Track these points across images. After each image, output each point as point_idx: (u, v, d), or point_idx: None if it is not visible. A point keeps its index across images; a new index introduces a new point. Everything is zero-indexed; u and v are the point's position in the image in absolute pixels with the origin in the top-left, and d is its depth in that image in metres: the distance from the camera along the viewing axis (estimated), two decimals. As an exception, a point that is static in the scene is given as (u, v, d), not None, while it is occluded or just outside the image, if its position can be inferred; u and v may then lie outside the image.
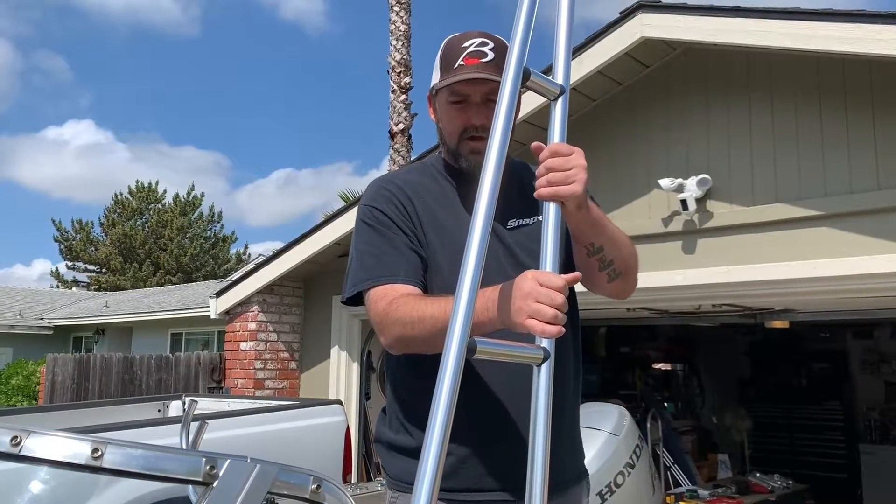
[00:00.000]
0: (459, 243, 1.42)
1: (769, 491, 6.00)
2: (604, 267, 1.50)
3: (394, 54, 12.29)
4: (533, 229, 1.60)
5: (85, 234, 32.33)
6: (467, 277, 1.17)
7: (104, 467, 0.77)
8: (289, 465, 0.89)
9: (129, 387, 8.15)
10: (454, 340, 1.11)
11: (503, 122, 1.27)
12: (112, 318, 16.92)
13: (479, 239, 1.20)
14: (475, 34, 1.59)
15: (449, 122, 1.62)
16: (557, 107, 1.41)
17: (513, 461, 1.47)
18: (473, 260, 1.17)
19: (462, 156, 1.60)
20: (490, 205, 1.23)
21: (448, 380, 1.08)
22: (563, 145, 1.30)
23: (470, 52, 1.55)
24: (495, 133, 1.27)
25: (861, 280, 3.84)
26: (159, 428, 3.62)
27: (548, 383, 1.22)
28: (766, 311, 6.08)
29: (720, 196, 4.38)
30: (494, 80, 1.47)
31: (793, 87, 4.24)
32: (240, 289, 6.48)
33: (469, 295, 1.15)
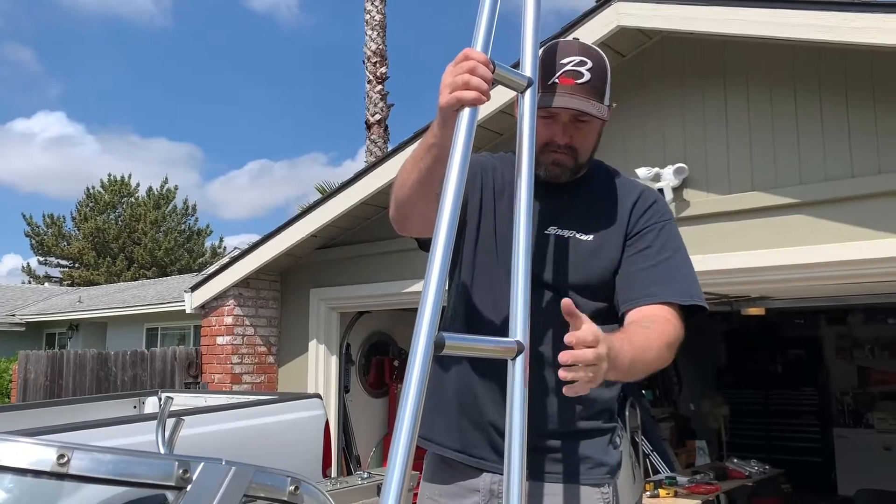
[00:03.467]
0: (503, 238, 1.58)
1: (746, 476, 6.06)
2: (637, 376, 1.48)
3: (369, 44, 12.22)
4: (567, 243, 1.60)
5: (57, 229, 31.84)
6: (433, 277, 1.15)
7: (71, 474, 0.74)
8: (265, 467, 0.86)
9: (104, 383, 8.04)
10: (421, 337, 1.09)
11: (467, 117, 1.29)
12: (86, 313, 16.69)
13: (444, 236, 1.19)
14: (576, 49, 1.57)
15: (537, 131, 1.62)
16: (526, 98, 1.43)
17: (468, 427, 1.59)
18: (439, 260, 1.16)
19: (541, 164, 1.58)
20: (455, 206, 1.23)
21: (416, 377, 1.07)
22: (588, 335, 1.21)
23: (567, 72, 1.53)
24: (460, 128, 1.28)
25: (836, 267, 3.88)
26: (135, 426, 3.56)
27: (523, 377, 1.22)
28: (743, 299, 6.13)
29: (697, 185, 4.39)
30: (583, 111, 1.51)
31: (768, 76, 4.25)
32: (215, 283, 6.41)
33: (435, 294, 1.14)
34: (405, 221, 1.62)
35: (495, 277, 1.58)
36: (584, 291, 1.58)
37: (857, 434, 8.58)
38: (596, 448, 1.60)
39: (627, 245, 1.61)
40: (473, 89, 1.29)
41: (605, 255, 1.60)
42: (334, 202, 5.72)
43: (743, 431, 9.11)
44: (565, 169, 1.60)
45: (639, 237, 1.61)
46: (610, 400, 1.64)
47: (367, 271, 5.98)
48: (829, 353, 9.44)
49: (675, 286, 1.55)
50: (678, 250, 1.62)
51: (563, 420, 1.57)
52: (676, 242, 1.63)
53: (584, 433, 1.59)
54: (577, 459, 1.57)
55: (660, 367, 1.47)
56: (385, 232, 5.73)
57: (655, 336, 1.43)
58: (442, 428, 1.63)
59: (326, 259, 6.29)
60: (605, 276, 1.59)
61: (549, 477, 1.55)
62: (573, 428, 1.58)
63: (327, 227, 5.84)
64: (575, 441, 1.58)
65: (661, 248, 1.59)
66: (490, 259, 1.63)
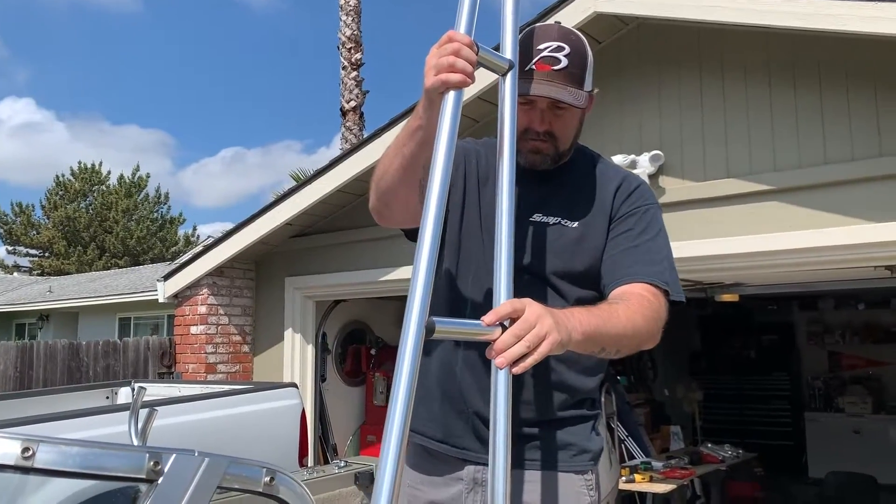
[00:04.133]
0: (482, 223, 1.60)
1: (720, 461, 6.13)
2: (605, 354, 1.46)
3: (344, 30, 12.10)
4: (552, 230, 1.59)
5: (26, 218, 31.30)
6: (422, 261, 1.14)
7: (36, 468, 0.71)
8: (240, 458, 0.83)
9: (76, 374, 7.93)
10: (412, 322, 1.09)
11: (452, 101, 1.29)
12: (56, 303, 16.45)
13: (433, 219, 1.18)
14: (554, 34, 1.54)
15: (519, 117, 1.60)
16: (507, 82, 1.43)
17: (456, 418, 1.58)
18: (428, 244, 1.15)
19: (521, 152, 1.54)
20: (443, 189, 1.22)
21: (407, 361, 1.07)
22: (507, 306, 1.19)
23: (543, 58, 1.50)
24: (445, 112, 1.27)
25: (810, 253, 3.91)
26: (107, 416, 3.51)
27: None
28: (717, 285, 6.19)
29: (672, 172, 4.40)
30: (557, 99, 1.49)
31: (743, 63, 4.27)
32: (188, 271, 6.33)
33: (425, 277, 1.14)
34: (386, 210, 1.59)
35: (481, 263, 1.57)
36: (568, 278, 1.57)
37: (827, 418, 8.74)
38: (579, 435, 1.59)
39: (611, 229, 1.60)
40: (459, 71, 1.27)
41: (591, 242, 1.59)
42: (309, 190, 5.66)
43: (716, 416, 9.23)
44: (545, 156, 1.59)
45: (621, 220, 1.60)
46: (593, 389, 1.63)
47: (342, 259, 5.94)
48: (800, 338, 9.59)
49: (654, 267, 1.54)
50: (659, 234, 1.61)
51: (546, 408, 1.56)
52: (658, 227, 1.62)
53: (568, 421, 1.58)
54: (560, 447, 1.56)
55: (641, 343, 1.44)
56: (361, 220, 5.69)
57: (624, 309, 1.40)
58: (424, 417, 1.61)
59: (302, 247, 6.24)
60: (591, 263, 1.58)
61: (533, 465, 1.54)
62: (556, 416, 1.57)
63: (302, 214, 5.79)
64: (558, 429, 1.57)
65: (642, 231, 1.58)
66: (475, 245, 1.62)
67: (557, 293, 1.57)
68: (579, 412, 1.60)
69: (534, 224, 1.59)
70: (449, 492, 1.58)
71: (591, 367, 1.61)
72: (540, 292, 1.54)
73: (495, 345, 1.15)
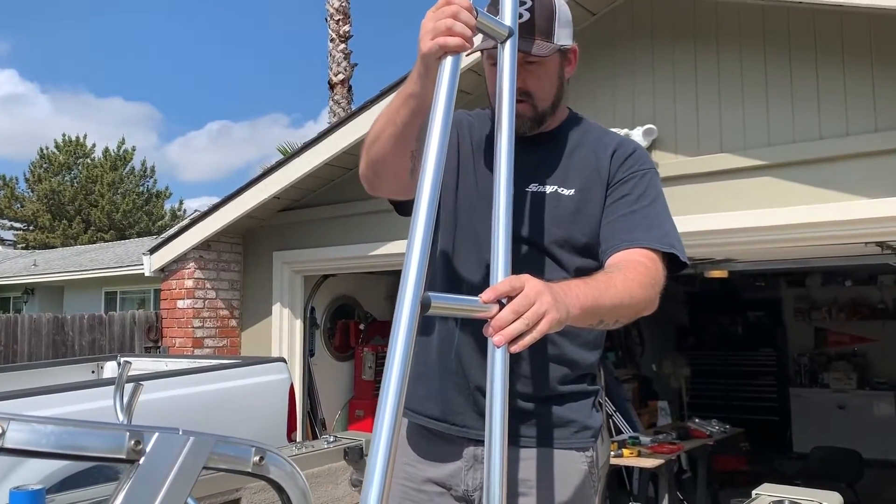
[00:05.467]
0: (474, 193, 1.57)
1: (708, 436, 6.16)
2: (604, 325, 1.41)
3: (332, 1, 11.92)
4: (548, 198, 1.54)
5: (9, 191, 30.92)
6: (418, 233, 1.10)
7: (6, 447, 0.66)
8: (227, 437, 0.79)
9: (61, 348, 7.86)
10: (407, 297, 1.06)
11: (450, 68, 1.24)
12: (41, 277, 16.29)
13: (428, 191, 1.14)
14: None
15: (489, 83, 1.55)
16: (506, 49, 1.38)
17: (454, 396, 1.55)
18: (423, 216, 1.11)
19: None
20: (439, 158, 1.18)
21: (402, 337, 1.04)
22: (506, 284, 1.13)
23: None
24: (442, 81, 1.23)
25: (803, 229, 3.89)
26: (93, 391, 3.46)
27: None
28: (707, 261, 6.17)
29: (666, 146, 4.36)
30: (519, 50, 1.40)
31: (738, 37, 4.21)
32: (175, 245, 6.25)
33: (420, 251, 1.10)
34: (377, 179, 1.54)
35: (479, 235, 1.52)
36: (567, 248, 1.53)
37: (812, 393, 8.82)
38: (580, 412, 1.56)
39: (608, 195, 1.55)
40: (457, 35, 1.22)
41: (588, 209, 1.54)
42: (297, 163, 5.58)
43: (703, 391, 9.30)
44: (525, 119, 1.53)
45: (619, 185, 1.55)
46: (593, 363, 1.60)
47: (331, 234, 5.88)
48: (787, 314, 9.64)
49: (653, 232, 1.49)
50: (657, 199, 1.56)
51: (547, 383, 1.52)
52: (656, 191, 1.57)
53: (569, 396, 1.55)
54: (562, 423, 1.53)
55: (640, 311, 1.39)
56: (350, 194, 5.62)
57: (621, 278, 1.36)
58: (422, 396, 1.57)
59: (290, 221, 6.17)
60: (589, 231, 1.54)
61: (533, 441, 1.51)
62: (558, 391, 1.53)
63: (290, 188, 5.71)
64: (560, 405, 1.54)
65: (640, 196, 1.54)
66: (472, 217, 1.57)
67: (557, 263, 1.53)
68: (580, 387, 1.57)
69: (530, 194, 1.54)
70: (447, 469, 1.55)
71: (591, 341, 1.58)
72: (538, 263, 1.51)
73: (493, 322, 1.11)
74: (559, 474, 1.50)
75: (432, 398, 1.57)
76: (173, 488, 0.72)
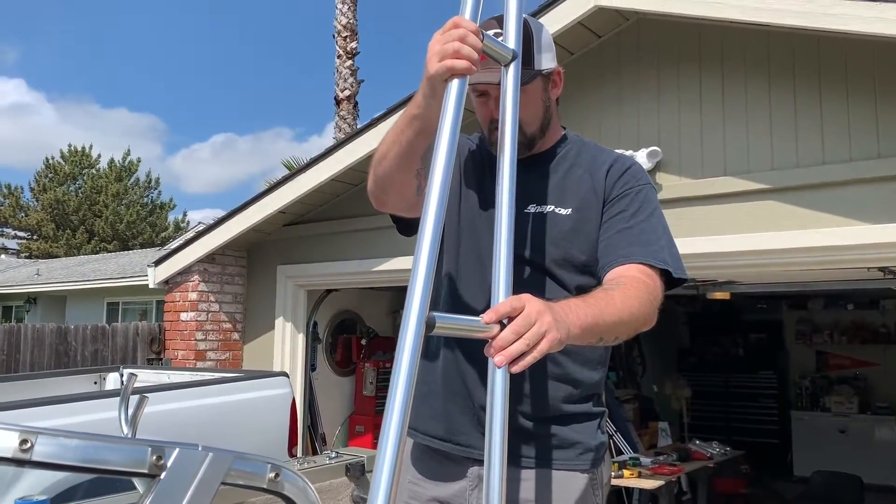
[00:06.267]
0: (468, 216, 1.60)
1: (708, 457, 6.15)
2: (605, 342, 1.41)
3: (339, 18, 12.02)
4: (547, 219, 1.56)
5: (14, 200, 31.04)
6: (423, 253, 1.12)
7: (34, 460, 0.68)
8: (244, 453, 0.81)
9: (64, 358, 7.87)
10: (412, 317, 1.07)
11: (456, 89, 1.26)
12: (44, 286, 16.32)
13: (434, 210, 1.16)
14: (493, 23, 1.48)
15: (477, 112, 1.60)
16: (510, 72, 1.40)
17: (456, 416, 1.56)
18: (429, 236, 1.13)
19: (493, 145, 1.53)
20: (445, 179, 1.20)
21: (407, 356, 1.04)
22: (506, 305, 1.15)
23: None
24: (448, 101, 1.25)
25: (806, 253, 3.91)
26: (96, 402, 3.47)
27: None
28: (709, 283, 6.19)
29: (670, 168, 4.39)
30: (493, 84, 1.44)
31: (743, 61, 4.25)
32: (180, 257, 6.27)
33: (426, 271, 1.11)
34: (384, 196, 1.57)
35: (482, 256, 1.54)
36: (567, 267, 1.55)
37: (813, 417, 8.78)
38: (585, 433, 1.56)
39: (605, 211, 1.56)
40: (464, 58, 1.24)
41: (586, 227, 1.56)
42: (303, 178, 5.62)
43: (704, 413, 9.27)
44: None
45: (615, 202, 1.56)
46: (597, 383, 1.60)
47: (335, 249, 5.91)
48: (789, 337, 9.62)
49: (650, 247, 1.51)
50: (654, 214, 1.57)
51: (551, 403, 1.53)
52: (653, 206, 1.58)
53: (574, 417, 1.55)
54: (566, 444, 1.53)
55: (638, 327, 1.40)
56: (355, 209, 5.65)
57: (619, 295, 1.37)
58: (426, 415, 1.59)
59: (294, 236, 6.20)
60: (588, 249, 1.55)
61: (538, 463, 1.52)
62: (563, 411, 1.54)
63: (296, 203, 5.75)
64: (564, 424, 1.54)
65: (636, 211, 1.55)
66: (474, 239, 1.59)
67: (557, 283, 1.55)
68: (585, 408, 1.57)
69: (529, 215, 1.56)
70: (452, 488, 1.56)
71: (595, 359, 1.59)
72: (539, 283, 1.53)
73: (494, 342, 1.12)
74: (561, 495, 1.51)
75: (437, 418, 1.58)
76: (193, 503, 0.74)
